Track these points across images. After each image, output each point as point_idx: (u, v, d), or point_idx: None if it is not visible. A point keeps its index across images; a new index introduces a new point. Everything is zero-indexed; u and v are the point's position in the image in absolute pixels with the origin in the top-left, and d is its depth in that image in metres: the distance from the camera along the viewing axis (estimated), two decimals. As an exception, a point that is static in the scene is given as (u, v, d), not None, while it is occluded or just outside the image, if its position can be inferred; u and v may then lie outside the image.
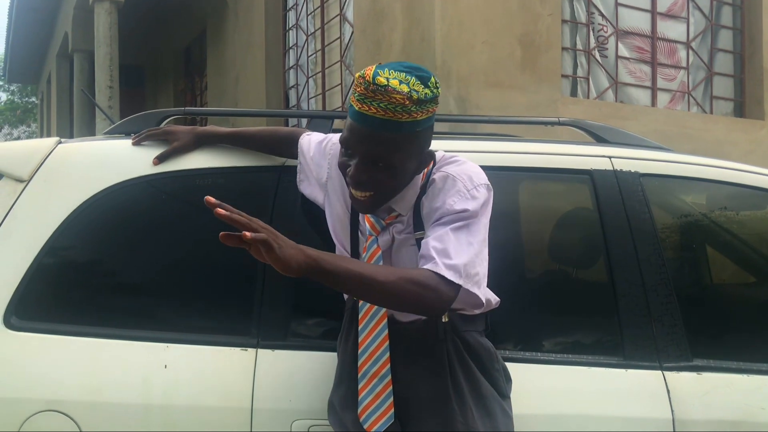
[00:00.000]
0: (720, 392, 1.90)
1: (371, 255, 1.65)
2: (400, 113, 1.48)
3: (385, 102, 1.47)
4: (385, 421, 1.62)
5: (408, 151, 1.54)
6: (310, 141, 1.87)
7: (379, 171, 1.53)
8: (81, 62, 11.77)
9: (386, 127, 1.49)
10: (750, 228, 2.39)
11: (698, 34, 6.74)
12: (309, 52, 7.96)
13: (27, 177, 1.91)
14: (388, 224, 1.66)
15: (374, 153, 1.51)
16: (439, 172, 1.62)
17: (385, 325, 1.64)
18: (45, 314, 1.83)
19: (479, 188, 1.58)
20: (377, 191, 1.56)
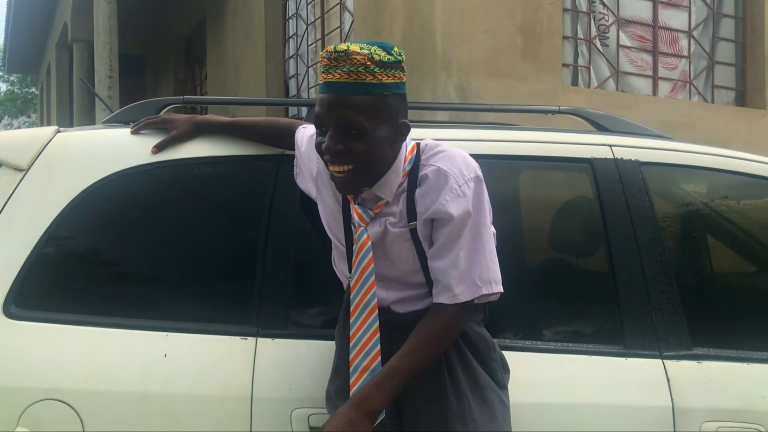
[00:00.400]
0: (720, 381, 1.90)
1: (361, 246, 1.63)
2: (363, 74, 1.49)
3: (348, 65, 1.49)
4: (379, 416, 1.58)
5: (379, 117, 1.52)
6: (303, 134, 1.85)
7: (353, 139, 1.52)
8: (80, 52, 11.74)
9: (353, 89, 1.50)
10: (751, 217, 2.39)
11: (700, 23, 6.71)
12: (309, 42, 7.94)
13: (26, 166, 1.90)
14: (376, 214, 1.64)
15: (345, 118, 1.50)
16: (430, 166, 1.60)
17: (376, 318, 1.62)
18: (44, 303, 1.83)
19: (469, 183, 1.57)
20: (355, 164, 1.53)
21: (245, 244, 1.94)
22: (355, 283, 1.64)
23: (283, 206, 1.92)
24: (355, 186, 1.60)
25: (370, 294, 1.63)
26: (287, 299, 1.87)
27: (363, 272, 1.64)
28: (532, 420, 1.77)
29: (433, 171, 1.58)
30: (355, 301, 1.64)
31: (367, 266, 1.63)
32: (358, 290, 1.64)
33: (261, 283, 1.86)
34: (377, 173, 1.60)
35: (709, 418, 1.85)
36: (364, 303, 1.63)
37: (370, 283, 1.63)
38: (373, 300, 1.63)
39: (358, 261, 1.64)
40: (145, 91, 14.70)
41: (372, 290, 1.63)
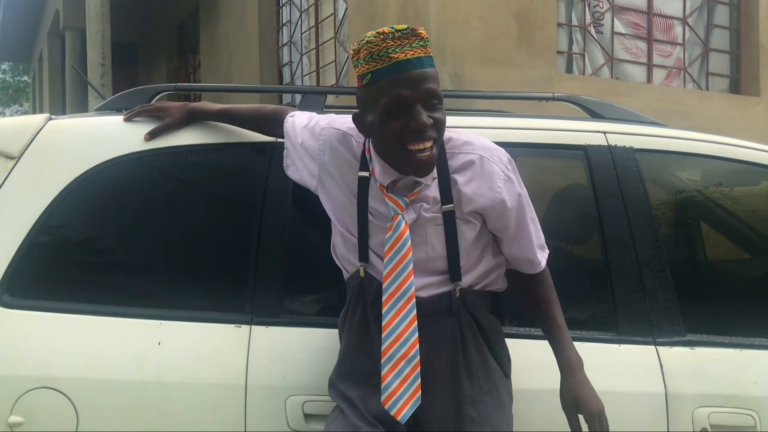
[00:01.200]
0: (713, 367, 1.91)
1: (400, 234, 1.60)
2: (429, 49, 1.54)
3: (417, 40, 1.52)
4: (412, 405, 1.57)
5: (439, 89, 1.56)
6: (295, 125, 1.80)
7: (435, 111, 1.53)
8: (73, 40, 11.66)
9: (429, 62, 1.53)
10: (745, 204, 2.39)
11: (694, 10, 6.71)
12: (303, 29, 7.90)
13: (17, 154, 1.89)
14: (411, 201, 1.62)
15: (430, 91, 1.51)
16: (468, 153, 1.64)
17: (413, 306, 1.59)
18: (38, 292, 1.82)
19: (509, 165, 1.67)
20: (435, 137, 1.54)
21: (239, 231, 1.93)
22: (390, 271, 1.60)
23: (277, 194, 1.91)
24: (433, 164, 1.58)
25: (408, 283, 1.60)
26: (281, 287, 1.87)
27: (401, 261, 1.60)
28: (526, 406, 1.77)
29: (478, 158, 1.63)
30: (390, 290, 1.60)
31: (405, 255, 1.60)
32: (393, 279, 1.60)
33: (255, 271, 1.86)
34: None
35: (702, 404, 1.86)
36: (401, 292, 1.59)
37: (407, 272, 1.60)
38: (410, 289, 1.59)
39: (396, 249, 1.60)
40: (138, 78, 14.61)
41: (409, 279, 1.60)
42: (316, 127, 1.76)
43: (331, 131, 1.73)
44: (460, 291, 1.64)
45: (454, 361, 1.63)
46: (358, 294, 1.69)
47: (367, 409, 1.61)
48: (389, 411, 1.57)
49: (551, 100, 2.38)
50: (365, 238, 1.66)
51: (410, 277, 1.60)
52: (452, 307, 1.64)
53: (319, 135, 1.74)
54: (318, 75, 7.52)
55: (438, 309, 1.64)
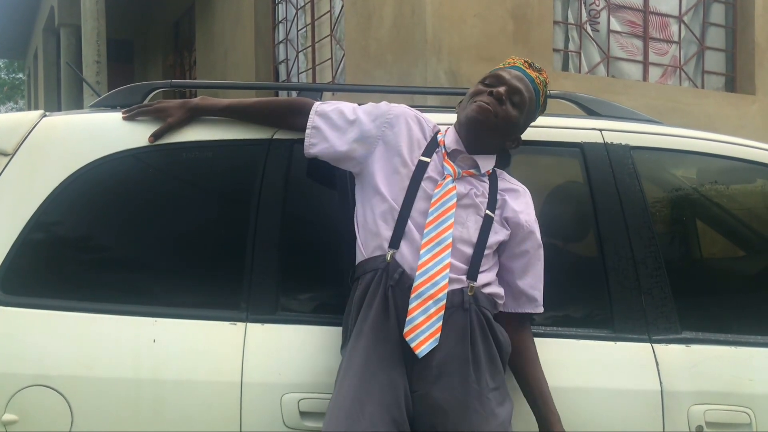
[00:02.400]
0: (708, 364, 1.91)
1: (448, 191, 1.77)
2: (542, 87, 1.89)
3: (539, 75, 1.89)
4: (431, 343, 1.66)
5: (526, 114, 1.85)
6: (338, 107, 1.90)
7: (511, 104, 1.81)
8: (68, 37, 11.60)
9: (533, 85, 1.86)
10: (740, 202, 2.39)
11: (690, 8, 6.71)
12: (299, 26, 7.89)
13: (11, 150, 1.88)
14: (464, 176, 1.81)
15: (521, 89, 1.82)
16: (515, 185, 1.89)
17: (449, 254, 1.72)
18: (32, 289, 1.82)
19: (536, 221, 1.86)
20: (497, 115, 1.80)
21: (234, 229, 1.93)
22: (433, 220, 1.74)
23: (273, 191, 1.90)
24: (484, 122, 1.80)
25: (447, 233, 1.72)
26: (276, 285, 1.87)
27: (445, 212, 1.75)
28: (522, 404, 1.77)
29: (524, 191, 1.88)
30: (430, 236, 1.72)
31: (450, 208, 1.75)
32: (435, 226, 1.73)
33: (250, 269, 1.85)
34: (488, 141, 1.84)
35: (698, 401, 1.86)
36: (440, 239, 1.72)
37: (449, 222, 1.74)
38: (448, 239, 1.72)
39: (441, 202, 1.75)
40: (133, 76, 14.57)
41: (449, 229, 1.73)
42: (382, 105, 1.90)
43: (407, 110, 1.89)
44: (472, 289, 1.72)
45: (464, 354, 1.67)
46: (380, 276, 1.71)
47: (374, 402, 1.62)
48: (410, 344, 1.66)
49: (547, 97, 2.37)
50: (408, 208, 1.76)
51: (449, 228, 1.73)
52: (464, 302, 1.70)
53: (389, 110, 1.88)
54: (314, 72, 7.51)
55: (451, 303, 1.69)
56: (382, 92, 2.16)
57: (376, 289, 1.71)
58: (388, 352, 1.67)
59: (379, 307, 1.69)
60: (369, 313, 1.70)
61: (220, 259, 1.92)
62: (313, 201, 2.01)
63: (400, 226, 1.74)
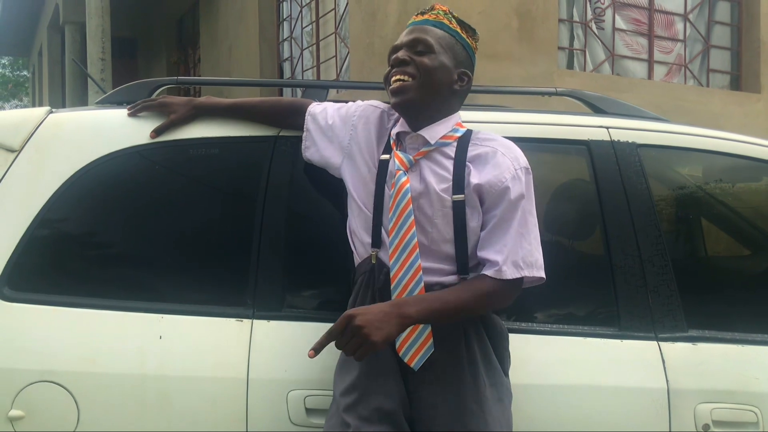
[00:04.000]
0: (715, 362, 1.91)
1: (400, 187, 1.67)
2: (442, 17, 1.76)
3: (431, 12, 1.78)
4: (424, 353, 1.63)
5: (445, 49, 1.74)
6: (325, 108, 1.89)
7: (419, 54, 1.71)
8: (72, 34, 11.64)
9: (432, 23, 1.76)
10: (746, 200, 2.38)
11: (695, 6, 6.70)
12: (303, 24, 7.88)
13: (18, 147, 1.88)
14: (417, 161, 1.70)
15: (417, 38, 1.73)
16: (488, 146, 1.71)
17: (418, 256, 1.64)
18: (38, 285, 1.82)
19: (523, 170, 1.69)
20: (413, 76, 1.70)
21: (240, 225, 1.92)
22: (394, 225, 1.66)
23: (279, 188, 1.90)
24: (407, 96, 1.70)
25: (411, 233, 1.65)
26: (283, 281, 1.87)
27: (402, 212, 1.66)
28: (527, 401, 1.77)
29: (493, 151, 1.70)
30: (394, 244, 1.66)
31: (405, 207, 1.66)
32: (397, 231, 1.66)
33: (256, 265, 1.85)
34: (429, 104, 1.72)
35: (704, 400, 1.86)
36: (404, 243, 1.65)
37: (409, 222, 1.65)
38: (413, 240, 1.64)
39: (396, 203, 1.67)
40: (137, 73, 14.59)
41: (412, 230, 1.65)
42: (352, 106, 1.87)
43: (368, 107, 1.86)
44: None
45: (458, 353, 1.65)
46: (367, 280, 1.71)
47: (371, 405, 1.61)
48: (403, 358, 1.63)
49: (554, 95, 2.37)
50: (380, 214, 1.70)
51: (412, 229, 1.65)
52: None
53: (355, 111, 1.85)
54: (318, 70, 7.51)
55: None
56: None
57: (366, 293, 1.71)
58: (382, 356, 1.64)
59: None
60: None
61: (226, 255, 1.92)
62: (318, 198, 2.00)
63: (376, 232, 1.72)
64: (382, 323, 1.51)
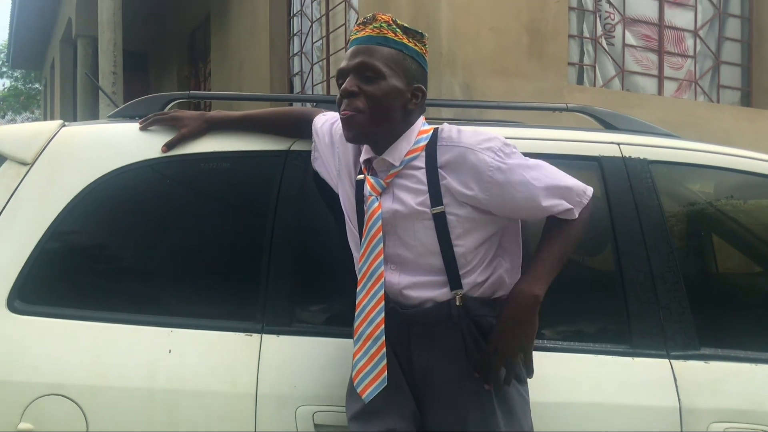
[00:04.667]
0: (727, 381, 1.89)
1: (371, 214, 1.63)
2: (386, 30, 1.63)
3: (373, 24, 1.64)
4: (377, 386, 1.59)
5: (395, 68, 1.62)
6: (325, 121, 1.88)
7: (368, 82, 1.61)
8: (85, 48, 11.73)
9: (375, 41, 1.63)
10: (757, 217, 2.37)
11: (706, 23, 6.69)
12: (314, 39, 7.92)
13: (30, 160, 1.90)
14: (388, 184, 1.65)
15: (363, 63, 1.61)
16: (453, 146, 1.62)
17: (381, 286, 1.61)
18: (49, 298, 1.82)
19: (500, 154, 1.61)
20: (365, 106, 1.60)
21: (251, 239, 1.93)
22: (363, 251, 1.65)
23: (289, 202, 1.91)
24: (360, 129, 1.62)
25: (377, 263, 1.63)
26: (292, 296, 1.86)
27: (372, 240, 1.63)
28: (537, 419, 1.75)
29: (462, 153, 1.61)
30: (363, 270, 1.64)
31: (375, 234, 1.63)
32: (366, 258, 1.64)
33: (266, 280, 1.85)
34: (385, 130, 1.64)
35: (717, 419, 1.84)
36: (371, 271, 1.63)
37: (377, 250, 1.63)
38: (379, 269, 1.62)
39: (368, 229, 1.64)
40: (148, 86, 14.69)
41: (378, 258, 1.62)
42: (335, 124, 1.83)
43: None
44: (462, 299, 1.62)
45: (460, 370, 1.62)
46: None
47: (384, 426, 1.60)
48: (356, 388, 1.60)
49: (565, 110, 2.37)
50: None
51: (379, 257, 1.63)
52: (452, 315, 1.62)
53: (337, 129, 1.80)
54: (328, 85, 7.53)
55: (437, 318, 1.63)
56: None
57: None
58: (391, 375, 1.61)
59: None
60: None
61: (236, 269, 1.92)
62: (329, 213, 2.00)
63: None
64: (524, 332, 1.58)
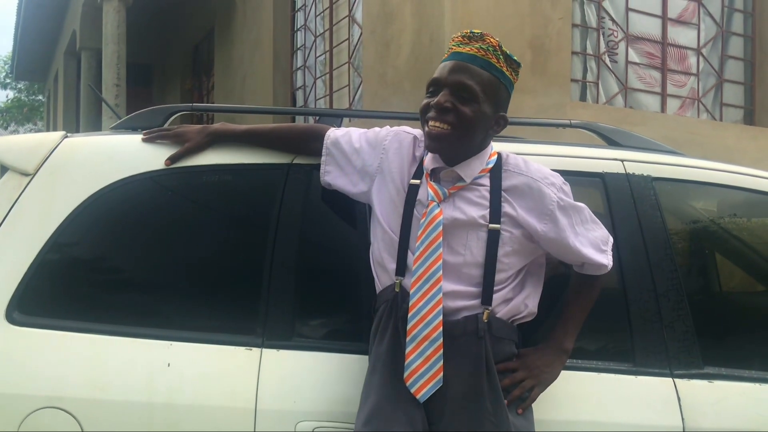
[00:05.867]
0: (731, 401, 1.87)
1: (433, 218, 1.67)
2: (491, 55, 1.68)
3: (480, 43, 1.68)
4: (432, 386, 1.62)
5: (489, 96, 1.68)
6: (348, 133, 1.88)
7: (462, 103, 1.65)
8: (88, 60, 11.79)
9: (479, 62, 1.67)
10: (762, 235, 2.36)
11: (709, 41, 6.71)
12: (317, 53, 7.95)
13: (32, 171, 1.89)
14: (451, 194, 1.70)
15: (463, 82, 1.65)
16: (519, 174, 1.73)
17: (440, 289, 1.64)
18: (48, 310, 1.81)
19: (562, 192, 1.73)
20: (454, 126, 1.65)
21: (252, 253, 1.92)
22: (420, 254, 1.66)
23: (291, 216, 1.90)
24: (445, 144, 1.68)
25: (436, 266, 1.65)
26: (293, 310, 1.85)
27: (431, 244, 1.66)
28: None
29: (528, 183, 1.72)
30: (418, 273, 1.66)
31: (435, 238, 1.66)
32: (423, 261, 1.66)
33: (267, 293, 1.84)
34: (466, 148, 1.71)
35: (721, 439, 1.82)
36: (429, 274, 1.65)
37: (437, 255, 1.65)
38: (438, 272, 1.65)
39: (427, 233, 1.67)
40: (152, 99, 14.74)
41: (438, 262, 1.65)
42: (382, 131, 1.86)
43: (401, 132, 1.84)
44: (488, 315, 1.66)
45: (479, 385, 1.63)
46: (390, 308, 1.70)
47: None
48: (410, 389, 1.62)
49: (568, 127, 2.37)
50: (406, 238, 1.70)
51: (438, 261, 1.65)
52: (478, 329, 1.65)
53: (386, 135, 1.83)
54: (331, 99, 7.55)
55: (463, 332, 1.65)
56: (399, 119, 2.15)
57: (387, 323, 1.70)
58: (404, 388, 1.64)
59: (390, 341, 1.67)
60: (381, 348, 1.68)
61: (237, 283, 1.91)
62: (331, 226, 1.99)
63: (401, 256, 1.71)
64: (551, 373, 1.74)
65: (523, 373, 1.70)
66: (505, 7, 5.33)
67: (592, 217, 1.78)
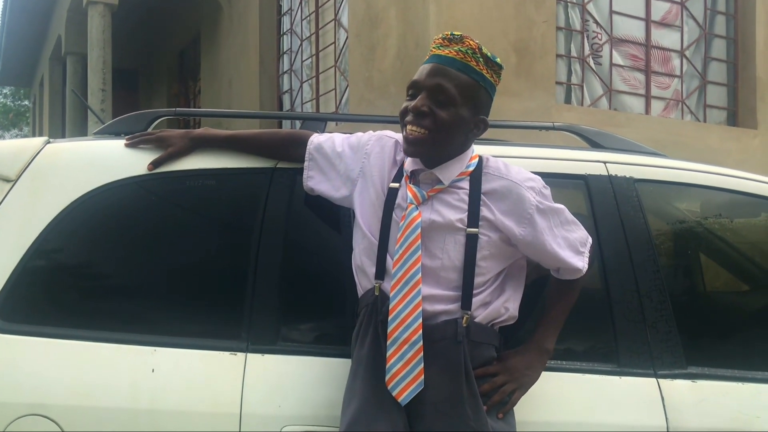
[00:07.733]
0: (715, 400, 1.88)
1: (411, 221, 1.67)
2: (470, 58, 1.67)
3: (460, 46, 1.67)
4: (413, 389, 1.61)
5: (468, 99, 1.67)
6: (330, 138, 1.88)
7: (439, 106, 1.65)
8: (74, 65, 11.72)
9: (457, 65, 1.66)
10: (744, 235, 2.38)
11: (692, 43, 6.76)
12: (303, 57, 7.95)
13: (14, 177, 1.88)
14: (430, 197, 1.70)
15: (440, 85, 1.65)
16: (499, 178, 1.72)
17: (419, 292, 1.64)
18: (30, 316, 1.80)
19: (541, 196, 1.72)
20: (431, 130, 1.65)
21: (236, 257, 1.91)
22: (399, 257, 1.66)
23: (275, 220, 1.89)
24: (422, 148, 1.69)
25: (416, 268, 1.65)
26: (277, 314, 1.85)
27: (410, 247, 1.66)
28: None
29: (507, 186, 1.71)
30: (397, 276, 1.65)
31: (414, 241, 1.66)
32: (402, 264, 1.65)
33: (251, 298, 1.84)
34: (445, 151, 1.70)
35: (704, 438, 1.83)
36: (408, 276, 1.65)
37: (415, 257, 1.65)
38: (417, 275, 1.64)
39: (405, 236, 1.66)
40: (138, 104, 14.67)
41: (417, 265, 1.65)
42: (364, 136, 1.86)
43: (383, 137, 1.84)
44: (467, 320, 1.65)
45: (458, 390, 1.63)
46: (370, 312, 1.70)
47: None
48: (392, 392, 1.62)
49: (551, 129, 2.38)
50: (385, 241, 1.70)
51: (417, 264, 1.65)
52: (457, 334, 1.64)
53: (368, 140, 1.84)
54: (318, 103, 7.55)
55: (442, 336, 1.65)
56: (385, 122, 2.16)
57: (368, 326, 1.70)
58: (386, 391, 1.63)
59: (371, 345, 1.67)
60: (362, 352, 1.68)
61: (221, 288, 1.90)
62: (315, 231, 1.99)
63: (381, 259, 1.71)
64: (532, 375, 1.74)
65: (503, 377, 1.70)
66: (489, 11, 5.36)
67: (571, 219, 1.77)
